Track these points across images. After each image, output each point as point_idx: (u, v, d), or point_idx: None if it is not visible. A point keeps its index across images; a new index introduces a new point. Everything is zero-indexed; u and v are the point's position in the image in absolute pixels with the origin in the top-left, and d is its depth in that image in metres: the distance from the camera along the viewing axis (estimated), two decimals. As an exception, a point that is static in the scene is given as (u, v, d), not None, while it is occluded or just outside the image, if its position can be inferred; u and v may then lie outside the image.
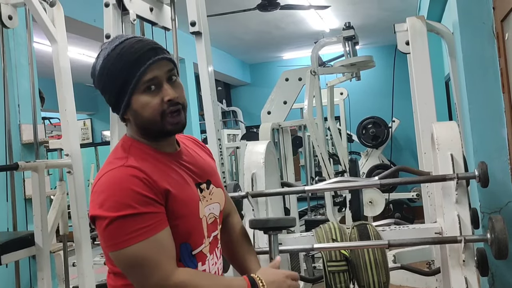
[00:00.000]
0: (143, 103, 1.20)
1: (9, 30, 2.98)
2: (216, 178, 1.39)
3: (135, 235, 1.12)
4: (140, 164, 1.19)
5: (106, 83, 1.24)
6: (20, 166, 2.43)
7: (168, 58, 1.24)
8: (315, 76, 4.82)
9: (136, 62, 1.19)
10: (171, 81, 1.24)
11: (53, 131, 7.34)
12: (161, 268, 1.14)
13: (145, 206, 1.14)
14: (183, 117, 1.25)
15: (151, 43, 1.24)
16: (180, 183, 1.24)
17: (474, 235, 1.85)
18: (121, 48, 1.20)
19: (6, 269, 2.83)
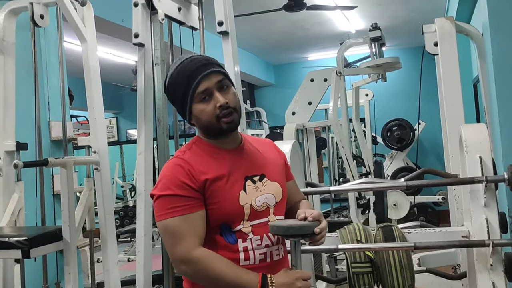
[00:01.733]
0: (200, 110, 1.49)
1: (41, 29, 3.04)
2: (273, 173, 1.58)
3: (170, 211, 1.42)
4: (190, 157, 1.49)
5: (173, 97, 1.56)
6: (49, 162, 2.48)
7: (217, 70, 1.50)
8: (341, 77, 4.79)
9: (189, 78, 1.48)
10: (223, 89, 1.50)
11: (80, 129, 7.45)
12: (185, 242, 1.41)
13: (182, 190, 1.43)
14: (235, 117, 1.50)
15: (202, 60, 1.51)
16: (225, 175, 1.48)
17: (503, 239, 1.82)
18: (180, 68, 1.51)
19: (34, 263, 2.89)
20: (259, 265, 1.49)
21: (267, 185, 1.55)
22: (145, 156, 2.59)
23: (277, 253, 1.54)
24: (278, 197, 1.57)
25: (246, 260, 1.49)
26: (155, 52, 2.54)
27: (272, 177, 1.58)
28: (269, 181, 1.56)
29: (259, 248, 1.50)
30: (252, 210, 1.50)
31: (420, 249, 2.04)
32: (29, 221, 2.93)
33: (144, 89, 2.58)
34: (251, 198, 1.50)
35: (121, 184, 9.21)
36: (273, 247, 1.52)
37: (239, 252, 1.48)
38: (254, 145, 1.63)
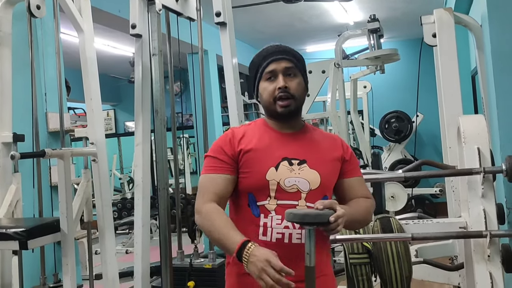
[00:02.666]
0: (264, 88, 1.64)
1: (37, 19, 3.02)
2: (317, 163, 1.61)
3: (204, 169, 1.62)
4: (240, 130, 1.67)
5: (250, 73, 1.71)
6: (47, 153, 2.47)
7: (288, 58, 1.63)
8: (339, 69, 4.79)
9: (263, 58, 1.65)
10: (288, 76, 1.62)
11: (77, 121, 7.44)
12: (203, 196, 1.58)
13: (216, 153, 1.61)
14: (292, 103, 1.60)
15: (281, 47, 1.67)
16: (262, 150, 1.60)
17: (500, 230, 1.82)
18: (264, 49, 1.69)
19: (32, 254, 2.89)
20: (275, 243, 1.55)
21: (304, 171, 1.59)
22: (142, 147, 2.59)
23: (298, 236, 1.55)
24: (314, 185, 1.59)
25: (263, 236, 1.56)
26: (153, 43, 2.53)
27: (313, 165, 1.61)
28: (308, 168, 1.60)
29: (278, 227, 1.55)
30: (279, 188, 1.56)
31: (418, 240, 2.05)
32: (26, 213, 2.92)
33: (141, 81, 2.57)
34: (281, 177, 1.56)
35: (119, 176, 9.21)
36: (293, 229, 1.55)
37: (259, 227, 1.56)
38: (315, 136, 1.70)
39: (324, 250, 1.66)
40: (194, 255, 3.13)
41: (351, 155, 1.72)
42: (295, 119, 1.66)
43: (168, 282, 2.51)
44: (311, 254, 1.43)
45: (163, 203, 2.54)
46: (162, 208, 2.54)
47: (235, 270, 1.61)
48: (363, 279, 2.06)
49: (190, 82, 6.21)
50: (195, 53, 2.97)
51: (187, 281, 2.96)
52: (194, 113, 6.07)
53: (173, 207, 4.01)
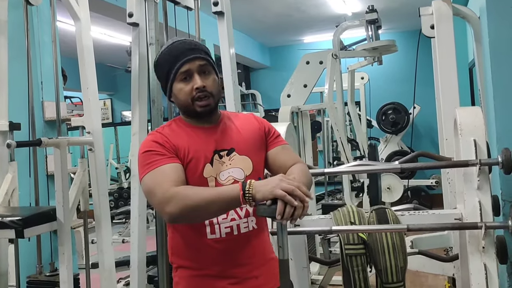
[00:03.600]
0: (179, 89, 1.58)
1: (33, 7, 3.00)
2: (244, 147, 1.63)
3: (145, 168, 1.50)
4: (167, 132, 1.60)
5: (158, 73, 1.66)
6: (43, 142, 2.46)
7: (202, 57, 1.58)
8: (337, 60, 4.77)
9: (176, 58, 1.58)
10: (203, 74, 1.58)
11: (74, 110, 7.41)
12: (160, 187, 1.44)
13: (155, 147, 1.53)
14: (211, 101, 1.58)
15: (191, 44, 1.61)
16: (195, 150, 1.56)
17: (495, 222, 1.83)
18: (170, 48, 1.61)
19: (29, 243, 2.89)
20: (225, 238, 1.57)
21: (234, 159, 1.60)
22: (139, 137, 2.58)
23: (245, 225, 1.59)
24: (248, 171, 1.60)
25: (212, 234, 1.56)
26: (150, 32, 2.52)
27: (242, 151, 1.62)
28: (238, 155, 1.61)
29: (225, 222, 1.57)
30: (217, 183, 1.56)
31: (413, 231, 2.06)
32: (22, 202, 2.92)
33: (138, 70, 2.56)
34: (216, 172, 1.56)
35: (115, 166, 9.19)
36: (240, 220, 1.58)
37: (206, 226, 1.56)
38: (233, 121, 1.69)
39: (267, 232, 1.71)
40: (190, 245, 3.13)
41: (267, 126, 1.72)
42: (214, 114, 1.65)
43: (164, 271, 2.51)
44: (284, 247, 1.39)
45: (160, 193, 2.53)
46: (159, 197, 2.53)
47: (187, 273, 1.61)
48: (359, 270, 2.07)
49: (187, 72, 6.22)
50: (192, 43, 2.95)
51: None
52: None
53: (169, 197, 4.01)
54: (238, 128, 1.68)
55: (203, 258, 1.59)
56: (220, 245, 1.57)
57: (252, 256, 1.62)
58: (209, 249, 1.57)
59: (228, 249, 1.58)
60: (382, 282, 2.08)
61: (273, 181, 1.35)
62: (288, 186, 1.32)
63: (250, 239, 1.61)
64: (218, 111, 1.67)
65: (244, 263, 1.60)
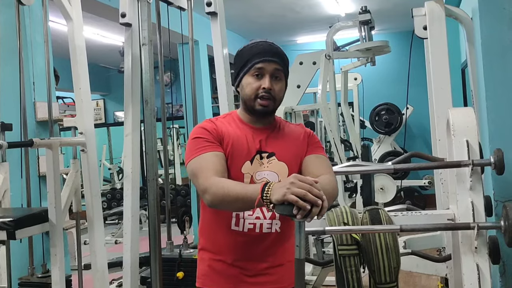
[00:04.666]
0: (248, 82, 1.66)
1: (25, 7, 2.98)
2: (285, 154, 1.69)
3: (191, 154, 1.60)
4: (218, 122, 1.70)
5: (236, 62, 1.72)
6: (35, 143, 2.45)
7: (279, 62, 1.66)
8: (330, 60, 4.78)
9: (257, 54, 1.65)
10: (275, 78, 1.66)
11: (66, 111, 7.38)
12: (202, 175, 1.54)
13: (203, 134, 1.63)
14: (271, 104, 1.66)
15: (275, 48, 1.69)
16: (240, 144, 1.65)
17: (488, 222, 1.83)
18: (256, 44, 1.69)
19: (20, 245, 2.88)
20: (247, 232, 1.65)
21: (272, 163, 1.67)
22: (132, 137, 2.57)
23: (268, 226, 1.66)
24: (282, 177, 1.65)
25: (236, 226, 1.65)
26: (142, 32, 2.51)
27: (281, 157, 1.68)
28: (277, 160, 1.68)
29: (249, 218, 1.64)
30: (252, 181, 1.63)
31: (406, 231, 2.06)
32: (14, 203, 2.90)
33: (131, 70, 2.56)
34: (254, 171, 1.64)
35: (108, 167, 9.16)
36: (264, 220, 1.65)
37: (232, 217, 1.65)
38: (283, 128, 1.77)
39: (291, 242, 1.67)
40: (183, 246, 3.13)
41: (311, 136, 1.78)
42: (269, 117, 1.73)
43: (157, 272, 2.51)
44: (301, 246, 1.40)
45: (153, 193, 2.53)
46: (152, 198, 2.53)
47: (207, 255, 1.72)
48: (352, 270, 2.07)
49: (180, 73, 6.19)
50: (185, 43, 2.95)
51: (176, 271, 2.96)
52: (184, 104, 6.03)
53: (162, 198, 4.00)
54: (285, 135, 1.75)
55: (222, 245, 1.68)
56: (241, 238, 1.65)
57: (269, 255, 1.68)
58: (230, 239, 1.66)
59: (247, 243, 1.65)
60: (375, 282, 2.08)
61: (286, 183, 1.34)
62: (299, 190, 1.30)
63: (272, 240, 1.67)
64: (274, 116, 1.75)
65: (260, 260, 1.67)
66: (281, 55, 1.70)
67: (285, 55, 1.72)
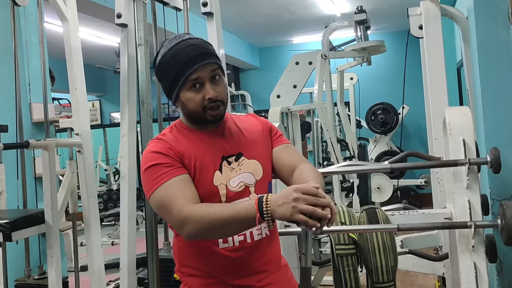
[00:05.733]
0: (189, 98, 1.47)
1: (20, 8, 2.97)
2: (252, 151, 1.56)
3: (154, 183, 1.41)
4: (170, 139, 1.50)
5: (162, 76, 1.52)
6: (30, 144, 2.44)
7: (212, 62, 1.46)
8: (326, 60, 4.78)
9: (185, 64, 1.44)
10: (214, 80, 1.47)
11: (62, 112, 7.36)
12: (176, 204, 1.36)
13: (161, 159, 1.43)
14: (222, 110, 1.49)
15: (200, 47, 1.47)
16: (202, 157, 1.48)
17: (484, 220, 1.84)
18: (176, 50, 1.47)
19: (17, 246, 2.87)
20: (238, 246, 1.49)
21: (243, 164, 1.53)
22: (128, 138, 2.56)
23: (258, 232, 1.51)
24: (258, 175, 1.54)
25: (224, 243, 1.49)
26: (138, 33, 2.50)
27: (250, 155, 1.55)
28: (247, 160, 1.54)
29: None
30: (228, 191, 1.48)
31: (403, 231, 2.06)
32: (10, 204, 2.89)
33: (127, 71, 2.55)
34: (226, 179, 1.48)
35: (104, 168, 9.14)
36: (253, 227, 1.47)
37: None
38: (236, 123, 1.61)
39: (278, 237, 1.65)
40: (180, 247, 3.12)
41: (269, 125, 1.66)
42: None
43: (154, 273, 2.50)
44: (307, 254, 1.34)
45: (149, 194, 2.52)
46: (148, 199, 2.52)
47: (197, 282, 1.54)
48: (349, 270, 2.07)
49: (176, 73, 6.18)
50: (181, 44, 2.94)
51: (173, 272, 2.95)
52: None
53: (159, 198, 3.99)
54: (243, 131, 1.60)
55: (215, 267, 1.51)
56: (234, 253, 1.49)
57: (266, 263, 1.55)
58: (222, 258, 1.49)
59: (241, 258, 1.50)
60: (372, 282, 2.08)
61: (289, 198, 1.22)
62: (307, 208, 1.21)
63: (264, 246, 1.54)
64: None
65: (259, 271, 1.53)
66: (210, 52, 1.49)
67: (211, 46, 1.51)
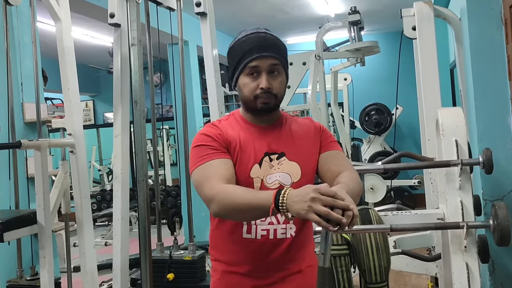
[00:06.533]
0: (244, 83, 1.55)
1: (13, 7, 2.96)
2: (295, 153, 1.59)
3: (195, 162, 1.51)
4: (223, 125, 1.60)
5: (229, 60, 1.61)
6: (23, 144, 2.43)
7: (274, 56, 1.53)
8: (320, 61, 4.79)
9: (248, 51, 1.53)
10: (272, 74, 1.54)
11: (55, 112, 7.32)
12: (207, 184, 1.44)
13: (207, 141, 1.53)
14: (272, 101, 1.55)
15: (268, 39, 1.55)
16: (246, 147, 1.55)
17: (477, 221, 1.84)
18: (247, 38, 1.56)
19: (9, 247, 2.85)
20: (260, 240, 1.54)
21: (283, 164, 1.57)
22: (121, 138, 2.56)
23: (283, 231, 1.55)
24: (295, 177, 1.56)
25: (248, 233, 1.55)
26: (132, 32, 2.49)
27: (292, 157, 1.58)
28: (287, 161, 1.57)
29: (262, 224, 1.54)
30: (263, 185, 1.53)
31: (396, 231, 2.07)
32: (2, 205, 2.88)
33: (120, 71, 2.54)
34: (264, 174, 1.54)
35: (98, 168, 9.12)
36: (278, 225, 1.55)
37: (243, 225, 1.55)
38: (290, 124, 1.66)
39: (312, 241, 1.67)
40: (173, 247, 3.12)
41: (323, 132, 1.67)
42: (273, 113, 1.62)
43: (148, 274, 2.49)
44: (326, 254, 1.35)
45: (143, 195, 2.52)
46: (142, 200, 2.51)
47: (220, 267, 1.61)
48: (343, 270, 2.08)
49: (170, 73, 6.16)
50: (175, 44, 2.94)
51: (166, 273, 2.94)
52: (174, 105, 6.02)
53: (152, 199, 3.98)
54: (293, 132, 1.64)
55: (235, 255, 1.58)
56: (255, 246, 1.55)
57: (287, 262, 1.58)
58: (243, 247, 1.56)
59: (262, 252, 1.55)
60: (366, 282, 2.09)
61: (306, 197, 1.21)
62: (322, 209, 1.19)
63: (288, 246, 1.56)
64: (278, 111, 1.65)
65: (277, 268, 1.56)
66: (275, 47, 1.56)
67: (281, 44, 1.59)
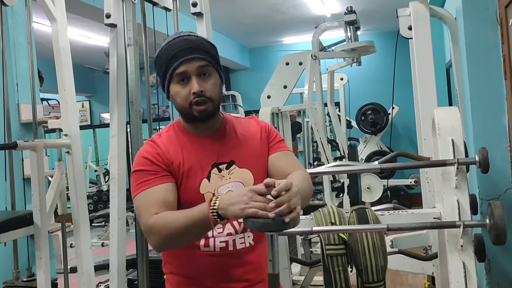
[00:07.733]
0: (176, 91, 1.47)
1: (8, 8, 2.95)
2: (245, 159, 1.53)
3: (137, 187, 1.43)
4: (162, 142, 1.51)
5: (157, 71, 1.53)
6: (19, 145, 2.42)
7: (201, 57, 1.45)
8: (316, 61, 4.79)
9: (172, 58, 1.45)
10: (203, 76, 1.46)
11: (51, 113, 7.30)
12: (145, 213, 1.39)
13: (147, 166, 1.45)
14: (209, 106, 1.46)
15: (191, 41, 1.47)
16: (189, 163, 1.47)
17: (473, 220, 1.85)
18: (170, 44, 1.48)
19: (5, 248, 2.84)
20: (219, 252, 1.48)
21: (234, 173, 1.50)
22: (118, 139, 2.55)
23: (241, 241, 1.50)
24: (249, 184, 1.49)
25: (206, 247, 1.48)
26: (128, 33, 2.49)
27: (242, 163, 1.52)
28: (238, 168, 1.51)
29: (220, 236, 1.48)
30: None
31: (393, 231, 2.07)
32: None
33: (116, 72, 2.54)
34: (214, 187, 1.47)
35: (94, 169, 9.09)
36: (236, 235, 1.49)
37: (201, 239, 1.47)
38: (234, 127, 1.58)
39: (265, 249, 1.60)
40: (170, 248, 3.11)
41: (269, 130, 1.61)
42: (213, 119, 1.53)
43: (144, 275, 2.49)
44: (274, 261, 1.30)
45: (139, 195, 2.51)
46: (138, 200, 2.51)
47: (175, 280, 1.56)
48: (340, 270, 2.08)
49: (166, 73, 6.17)
50: (171, 44, 2.92)
51: (163, 274, 2.94)
52: (170, 105, 6.03)
53: (149, 199, 3.97)
54: (240, 136, 1.57)
55: (195, 269, 1.50)
56: (214, 259, 1.48)
57: (248, 272, 1.52)
58: (202, 261, 1.49)
59: (222, 264, 1.49)
60: (363, 281, 2.09)
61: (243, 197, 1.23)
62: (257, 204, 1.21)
63: (247, 255, 1.51)
64: (219, 115, 1.56)
65: (239, 279, 1.50)
66: (201, 47, 1.47)
67: (208, 43, 1.50)
